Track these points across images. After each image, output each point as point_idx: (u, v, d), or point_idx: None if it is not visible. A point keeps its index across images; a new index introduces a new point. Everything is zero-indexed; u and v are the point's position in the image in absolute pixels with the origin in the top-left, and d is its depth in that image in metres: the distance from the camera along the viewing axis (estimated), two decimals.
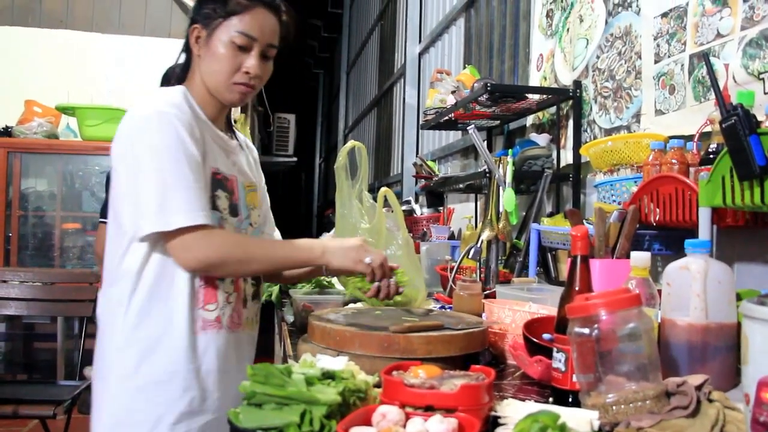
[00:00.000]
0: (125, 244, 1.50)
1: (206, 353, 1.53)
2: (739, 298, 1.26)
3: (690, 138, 1.76)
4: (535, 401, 1.23)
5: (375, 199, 2.05)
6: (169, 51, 2.45)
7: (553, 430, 0.81)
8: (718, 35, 1.81)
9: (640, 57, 2.21)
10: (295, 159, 8.11)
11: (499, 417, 0.98)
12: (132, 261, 1.49)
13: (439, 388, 0.96)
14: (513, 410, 1.00)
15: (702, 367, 1.21)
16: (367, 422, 0.91)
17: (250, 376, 0.95)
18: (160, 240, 1.46)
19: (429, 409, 0.94)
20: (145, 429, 1.48)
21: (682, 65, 1.97)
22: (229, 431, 0.94)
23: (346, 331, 1.38)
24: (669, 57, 2.04)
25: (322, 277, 2.39)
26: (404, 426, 0.90)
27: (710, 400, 1.07)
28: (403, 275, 1.71)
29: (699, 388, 1.07)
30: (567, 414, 0.93)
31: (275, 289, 2.43)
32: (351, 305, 1.96)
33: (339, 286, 2.18)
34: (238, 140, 1.75)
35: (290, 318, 2.15)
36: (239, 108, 4.83)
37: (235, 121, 4.71)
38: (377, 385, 1.06)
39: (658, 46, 2.10)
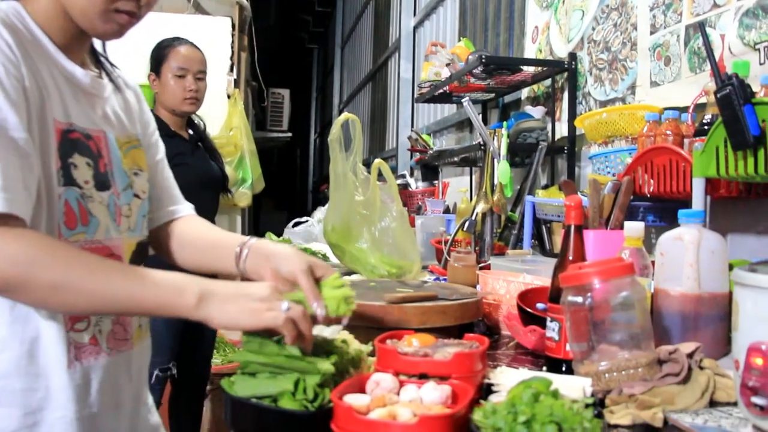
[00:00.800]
0: None
1: (87, 391, 1.06)
2: (731, 268, 1.26)
3: (685, 109, 1.76)
4: (529, 370, 1.24)
5: (369, 172, 2.05)
6: (158, 25, 2.43)
7: (546, 396, 0.82)
8: (715, 5, 1.80)
9: (635, 28, 2.20)
10: (289, 134, 8.06)
11: (492, 384, 0.99)
12: None
13: (432, 356, 0.97)
14: (506, 378, 1.01)
15: (694, 336, 1.22)
16: (361, 390, 0.92)
17: (244, 344, 0.95)
18: None
19: (423, 377, 0.95)
20: None
21: (678, 36, 1.96)
22: (224, 400, 0.94)
23: None
24: (665, 28, 2.03)
25: (318, 250, 2.39)
26: (398, 394, 0.90)
27: (701, 368, 1.08)
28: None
29: (690, 355, 1.08)
30: (560, 381, 0.94)
31: None
32: (345, 277, 1.96)
33: (333, 259, 2.18)
34: (111, 78, 1.23)
35: None
36: (233, 82, 4.79)
37: (228, 96, 4.67)
38: (371, 354, 1.07)
39: (654, 17, 2.09)
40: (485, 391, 0.98)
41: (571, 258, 1.21)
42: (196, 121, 2.79)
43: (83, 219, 1.05)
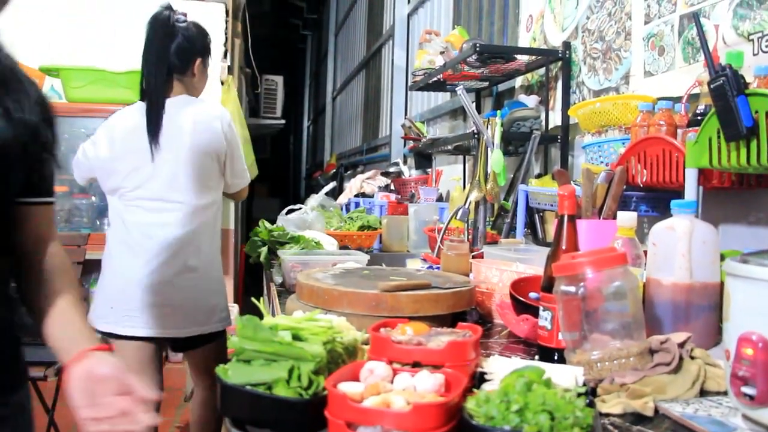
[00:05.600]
0: None
1: None
2: (722, 258, 1.27)
3: (678, 99, 1.76)
4: (521, 359, 1.25)
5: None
6: (153, 9, 2.41)
7: (539, 385, 0.82)
8: None
9: (630, 18, 2.20)
10: (283, 121, 8.03)
11: (485, 373, 0.99)
12: None
13: (426, 344, 0.97)
14: (499, 366, 1.01)
15: (685, 325, 1.23)
16: (355, 378, 0.92)
17: (239, 331, 0.95)
18: None
19: (416, 366, 0.95)
20: None
21: (672, 26, 1.96)
22: (219, 388, 0.94)
23: (334, 290, 1.38)
24: (659, 18, 2.03)
25: (311, 238, 2.39)
26: (391, 382, 0.91)
27: (692, 357, 1.09)
28: None
29: (681, 345, 1.09)
30: (552, 370, 0.95)
31: (264, 250, 2.44)
32: (339, 265, 1.97)
33: (327, 246, 2.18)
34: None
35: (279, 279, 2.16)
36: (226, 69, 4.77)
37: (222, 83, 4.66)
38: (365, 343, 1.07)
39: (648, 6, 2.09)
40: (478, 379, 0.98)
41: (564, 247, 1.22)
42: None
43: None
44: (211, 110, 2.46)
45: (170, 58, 2.39)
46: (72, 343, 1.13)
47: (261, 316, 1.02)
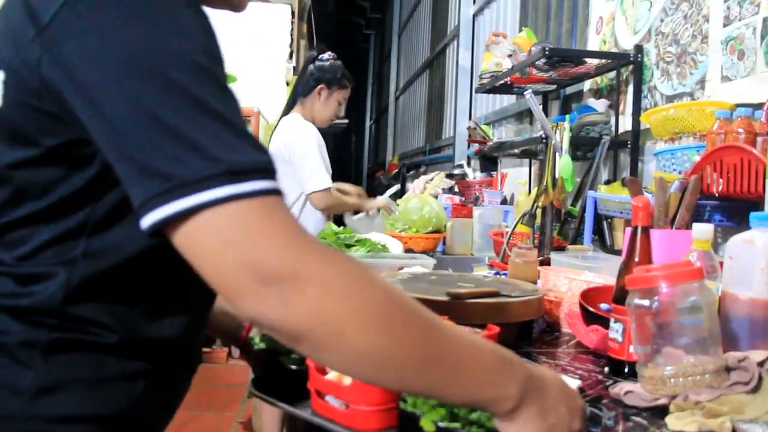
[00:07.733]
0: None
1: None
2: None
3: (759, 106, 1.71)
4: (587, 372, 1.24)
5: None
6: (218, 12, 2.48)
7: None
8: None
9: (707, 20, 2.14)
10: (346, 121, 8.09)
11: None
12: None
13: None
14: None
15: (764, 343, 1.19)
16: None
17: None
18: None
19: None
20: None
21: (754, 29, 1.90)
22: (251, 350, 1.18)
23: None
24: (740, 20, 1.97)
25: (377, 241, 2.41)
26: None
27: None
28: None
29: (761, 364, 1.06)
30: None
31: None
32: (406, 269, 1.98)
33: (394, 249, 2.19)
34: None
35: None
36: (291, 70, 4.84)
37: (287, 83, 4.72)
38: None
39: (728, 8, 2.03)
40: None
41: (637, 259, 1.20)
42: None
43: None
44: (287, 124, 3.08)
45: (300, 87, 3.16)
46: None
47: None
